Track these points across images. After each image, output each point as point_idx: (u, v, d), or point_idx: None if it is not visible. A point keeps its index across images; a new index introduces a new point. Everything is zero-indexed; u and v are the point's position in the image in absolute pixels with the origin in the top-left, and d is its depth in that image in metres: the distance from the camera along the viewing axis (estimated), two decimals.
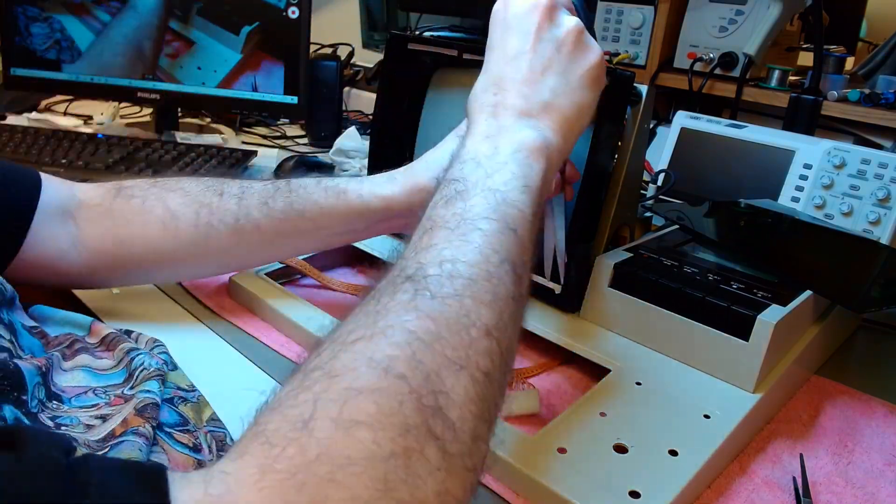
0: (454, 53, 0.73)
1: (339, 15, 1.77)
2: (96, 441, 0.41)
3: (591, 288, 0.63)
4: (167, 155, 1.09)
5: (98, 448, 0.40)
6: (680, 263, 0.62)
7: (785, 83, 1.05)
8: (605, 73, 0.51)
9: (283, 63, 1.19)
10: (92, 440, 0.41)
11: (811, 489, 0.49)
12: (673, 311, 0.57)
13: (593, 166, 0.60)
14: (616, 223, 0.64)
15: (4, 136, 1.10)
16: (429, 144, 0.77)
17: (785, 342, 0.57)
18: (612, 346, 0.60)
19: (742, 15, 1.03)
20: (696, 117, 0.93)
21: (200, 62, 1.20)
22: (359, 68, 1.59)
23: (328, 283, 0.73)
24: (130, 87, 1.22)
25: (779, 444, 0.54)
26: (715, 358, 0.55)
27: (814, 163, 0.82)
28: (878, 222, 0.77)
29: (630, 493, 0.44)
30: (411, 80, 0.78)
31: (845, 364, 0.69)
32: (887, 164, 0.77)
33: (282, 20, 1.16)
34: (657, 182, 0.89)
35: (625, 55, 1.14)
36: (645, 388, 0.55)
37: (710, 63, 1.06)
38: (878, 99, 0.95)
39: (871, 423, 0.58)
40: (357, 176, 1.09)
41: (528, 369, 0.61)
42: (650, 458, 0.48)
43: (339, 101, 1.35)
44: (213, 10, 1.18)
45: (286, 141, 1.36)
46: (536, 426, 0.53)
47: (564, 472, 0.46)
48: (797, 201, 0.82)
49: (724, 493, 0.49)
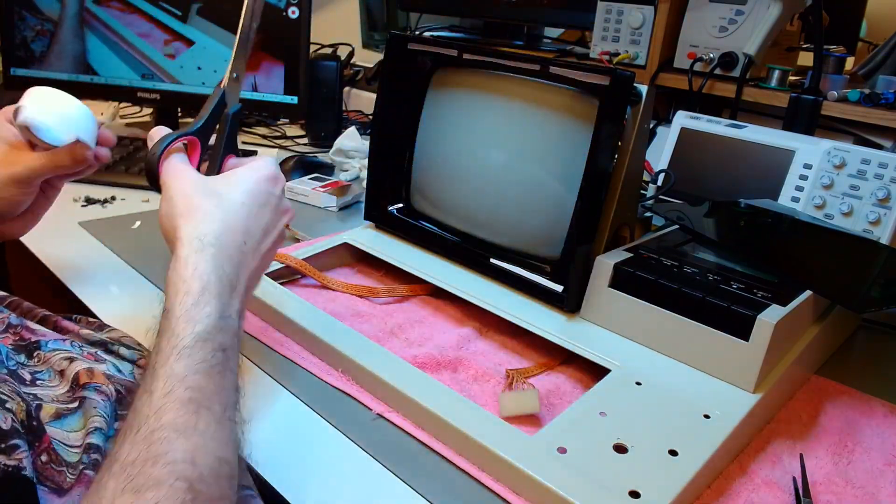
0: (454, 53, 0.73)
1: (339, 15, 1.77)
2: (63, 395, 0.46)
3: (591, 288, 0.63)
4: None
5: (65, 406, 0.45)
6: (680, 263, 0.62)
7: (785, 83, 1.05)
8: (283, 231, 0.55)
9: (283, 63, 1.19)
10: (59, 393, 0.46)
11: (811, 489, 0.49)
12: (673, 311, 0.57)
13: (593, 166, 0.60)
14: (616, 223, 0.64)
15: None
16: (429, 144, 0.77)
17: (785, 342, 0.57)
18: (612, 346, 0.60)
19: (742, 15, 1.03)
20: (696, 117, 0.93)
21: (200, 62, 1.20)
22: (359, 68, 1.59)
23: (328, 282, 0.73)
24: (130, 87, 1.22)
25: (779, 444, 0.54)
26: (715, 358, 0.55)
27: (814, 163, 0.82)
28: (878, 222, 0.77)
29: (630, 493, 0.44)
30: (411, 80, 0.78)
31: (845, 364, 0.69)
32: (887, 164, 0.77)
33: (282, 20, 1.16)
34: (657, 182, 0.89)
35: (625, 55, 1.14)
36: (645, 388, 0.55)
37: (710, 63, 1.06)
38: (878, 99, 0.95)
39: (871, 423, 0.58)
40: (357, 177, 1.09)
41: (528, 369, 0.61)
42: (650, 458, 0.48)
43: (339, 101, 1.35)
44: (212, 9, 1.18)
45: (286, 141, 1.36)
46: (536, 426, 0.53)
47: (564, 472, 0.46)
48: (797, 201, 0.82)
49: (724, 493, 0.49)
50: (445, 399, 0.53)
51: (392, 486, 0.48)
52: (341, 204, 1.00)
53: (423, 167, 0.78)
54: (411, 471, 0.49)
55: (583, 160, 0.61)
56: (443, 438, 0.52)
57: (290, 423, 0.54)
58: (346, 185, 1.03)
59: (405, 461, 0.50)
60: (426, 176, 0.77)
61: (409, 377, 0.56)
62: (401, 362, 0.58)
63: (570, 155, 0.64)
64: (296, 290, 0.72)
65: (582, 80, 0.63)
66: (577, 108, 0.64)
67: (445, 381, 0.57)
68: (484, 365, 0.62)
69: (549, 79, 0.66)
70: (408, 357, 0.60)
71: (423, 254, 0.75)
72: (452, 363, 0.61)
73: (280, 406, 0.56)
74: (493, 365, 0.62)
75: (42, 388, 0.48)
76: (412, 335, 0.66)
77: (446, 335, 0.66)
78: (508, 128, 0.69)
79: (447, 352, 0.62)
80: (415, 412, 0.54)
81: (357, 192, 1.03)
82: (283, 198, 0.55)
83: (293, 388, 0.58)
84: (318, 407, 0.56)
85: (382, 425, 0.54)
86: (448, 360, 0.61)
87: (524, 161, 0.68)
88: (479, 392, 0.58)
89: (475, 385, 0.59)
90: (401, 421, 0.54)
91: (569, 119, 0.64)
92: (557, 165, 0.65)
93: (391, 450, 0.51)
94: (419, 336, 0.66)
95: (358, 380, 0.58)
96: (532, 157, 0.67)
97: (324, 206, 1.00)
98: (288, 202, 0.56)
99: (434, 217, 0.77)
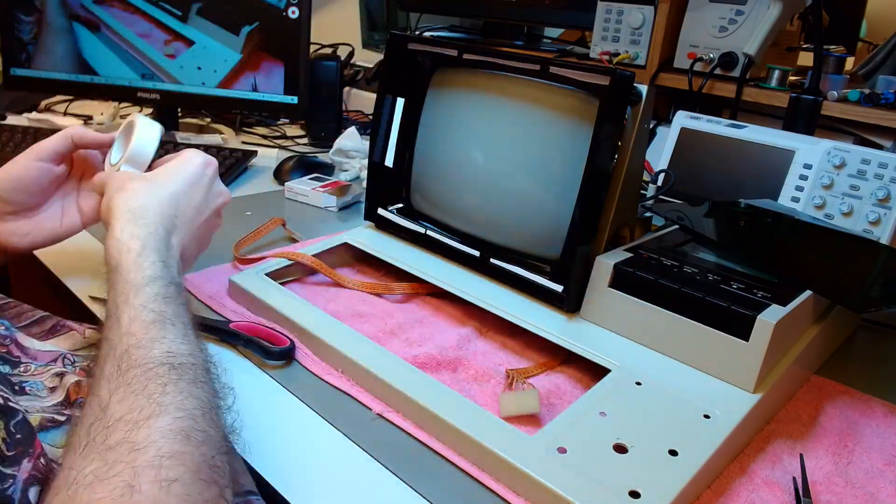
0: (454, 53, 0.73)
1: (339, 15, 1.77)
2: (51, 407, 0.46)
3: (591, 288, 0.63)
4: (167, 155, 1.09)
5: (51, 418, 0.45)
6: (680, 263, 0.62)
7: (785, 83, 1.05)
8: None
9: (283, 63, 1.19)
10: (48, 405, 0.46)
11: (811, 489, 0.49)
12: (673, 311, 0.57)
13: (593, 166, 0.60)
14: (616, 223, 0.64)
15: (4, 136, 1.10)
16: (429, 144, 0.77)
17: (785, 342, 0.57)
18: (612, 346, 0.60)
19: (742, 15, 1.03)
20: (696, 117, 0.93)
21: (200, 62, 1.20)
22: (359, 68, 1.59)
23: (342, 280, 0.73)
24: (130, 87, 1.22)
25: (779, 444, 0.54)
26: (715, 358, 0.55)
27: (814, 163, 0.82)
28: (878, 222, 0.77)
29: (630, 493, 0.44)
30: (411, 80, 0.78)
31: (845, 364, 0.69)
32: (887, 164, 0.77)
33: (282, 20, 1.16)
34: (657, 182, 0.89)
35: (625, 55, 1.14)
36: (645, 388, 0.55)
37: (710, 63, 1.06)
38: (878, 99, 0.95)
39: (871, 423, 0.58)
40: (357, 177, 1.09)
41: (528, 369, 0.61)
42: (650, 458, 0.48)
43: (339, 101, 1.35)
44: (212, 9, 1.18)
45: (286, 141, 1.36)
46: (536, 426, 0.53)
47: (564, 472, 0.46)
48: (797, 201, 0.82)
49: (724, 493, 0.49)
50: (445, 399, 0.53)
51: (392, 486, 0.48)
52: (341, 204, 1.00)
53: (423, 167, 0.78)
54: (411, 471, 0.49)
55: (583, 160, 0.61)
56: (443, 438, 0.52)
57: (290, 423, 0.54)
58: (346, 185, 1.03)
59: (405, 461, 0.50)
60: (426, 176, 0.77)
61: (409, 377, 0.56)
62: (401, 362, 0.58)
63: (570, 155, 0.64)
64: (296, 289, 0.72)
65: (582, 80, 0.63)
66: (577, 108, 0.64)
67: (445, 381, 0.57)
68: (484, 365, 0.62)
69: (549, 79, 0.66)
70: (408, 357, 0.60)
71: (423, 254, 0.75)
72: (452, 363, 0.61)
73: (280, 406, 0.56)
74: (493, 365, 0.62)
75: (30, 399, 0.46)
76: (412, 335, 0.66)
77: (446, 335, 0.66)
78: (508, 128, 0.69)
79: (447, 352, 0.62)
80: (415, 412, 0.54)
81: (357, 192, 1.03)
82: (215, 180, 0.63)
83: (293, 388, 0.58)
84: (318, 407, 0.56)
85: (382, 425, 0.54)
86: (448, 360, 0.61)
87: (524, 161, 0.68)
88: (479, 392, 0.58)
89: (475, 385, 0.59)
90: (401, 421, 0.54)
91: (569, 119, 0.64)
92: (557, 165, 0.65)
93: (391, 450, 0.51)
94: (419, 336, 0.66)
95: (358, 380, 0.58)
96: (532, 158, 0.67)
97: (324, 206, 1.00)
98: (222, 186, 0.64)
99: (434, 217, 0.77)
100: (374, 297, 0.72)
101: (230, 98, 1.21)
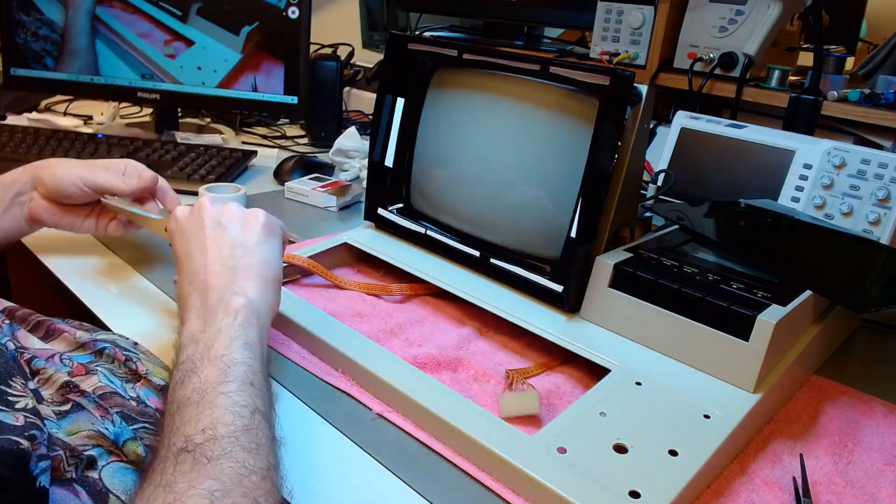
0: (454, 53, 0.73)
1: (339, 15, 1.77)
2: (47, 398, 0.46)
3: (591, 288, 0.63)
4: (167, 155, 1.09)
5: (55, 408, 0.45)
6: (680, 263, 0.62)
7: (785, 83, 1.05)
8: (272, 221, 0.61)
9: (283, 63, 1.19)
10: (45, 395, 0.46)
11: (811, 489, 0.49)
12: (673, 311, 0.57)
13: (593, 166, 0.60)
14: (616, 223, 0.64)
15: (4, 136, 1.10)
16: (429, 144, 0.77)
17: (785, 342, 0.57)
18: (612, 346, 0.60)
19: (742, 15, 1.03)
20: (696, 117, 0.93)
21: (200, 62, 1.20)
22: (359, 68, 1.59)
23: (339, 281, 0.73)
24: (130, 87, 1.22)
25: (779, 444, 0.54)
26: (715, 358, 0.55)
27: (814, 163, 0.82)
28: (878, 222, 0.77)
29: (630, 493, 0.44)
30: (411, 81, 0.78)
31: (845, 364, 0.69)
32: (887, 164, 0.77)
33: (282, 20, 1.16)
34: (657, 182, 0.89)
35: (625, 55, 1.14)
36: (645, 388, 0.55)
37: (710, 63, 1.06)
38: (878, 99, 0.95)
39: (871, 423, 0.58)
40: (357, 177, 1.09)
41: (528, 369, 0.61)
42: (650, 458, 0.48)
43: (339, 101, 1.35)
44: (212, 9, 1.18)
45: (286, 141, 1.36)
46: (536, 426, 0.53)
47: (564, 472, 0.46)
48: (797, 201, 0.82)
49: (724, 493, 0.49)
50: (445, 399, 0.53)
51: (392, 486, 0.48)
52: (341, 204, 1.00)
53: (423, 167, 0.78)
54: (411, 471, 0.49)
55: (583, 160, 0.61)
56: (443, 438, 0.52)
57: (291, 423, 0.54)
58: (346, 185, 1.03)
59: (405, 461, 0.50)
60: (426, 176, 0.77)
61: (409, 377, 0.56)
62: (401, 362, 0.58)
63: (570, 155, 0.64)
64: (296, 289, 0.72)
65: (582, 80, 0.63)
66: (577, 108, 0.64)
67: (445, 381, 0.57)
68: (484, 365, 0.62)
69: (549, 79, 0.66)
70: (408, 357, 0.60)
71: (423, 254, 0.75)
72: (452, 363, 0.61)
73: (280, 406, 0.56)
74: (493, 365, 0.62)
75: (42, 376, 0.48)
76: (412, 335, 0.66)
77: (446, 335, 0.66)
78: (508, 128, 0.69)
79: (447, 352, 0.62)
80: (415, 412, 0.54)
81: (357, 192, 1.03)
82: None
83: (293, 388, 0.58)
84: (318, 407, 0.56)
85: (382, 425, 0.54)
86: (448, 360, 0.61)
87: (524, 161, 0.68)
88: (479, 392, 0.58)
89: (475, 385, 0.59)
90: (401, 421, 0.54)
91: (569, 119, 0.64)
92: (557, 165, 0.65)
93: (391, 450, 0.51)
94: (419, 336, 0.66)
95: (358, 380, 0.58)
96: (532, 157, 0.67)
97: (324, 206, 1.00)
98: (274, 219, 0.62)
99: (434, 217, 0.77)
100: (374, 297, 0.72)
101: (230, 98, 1.21)
